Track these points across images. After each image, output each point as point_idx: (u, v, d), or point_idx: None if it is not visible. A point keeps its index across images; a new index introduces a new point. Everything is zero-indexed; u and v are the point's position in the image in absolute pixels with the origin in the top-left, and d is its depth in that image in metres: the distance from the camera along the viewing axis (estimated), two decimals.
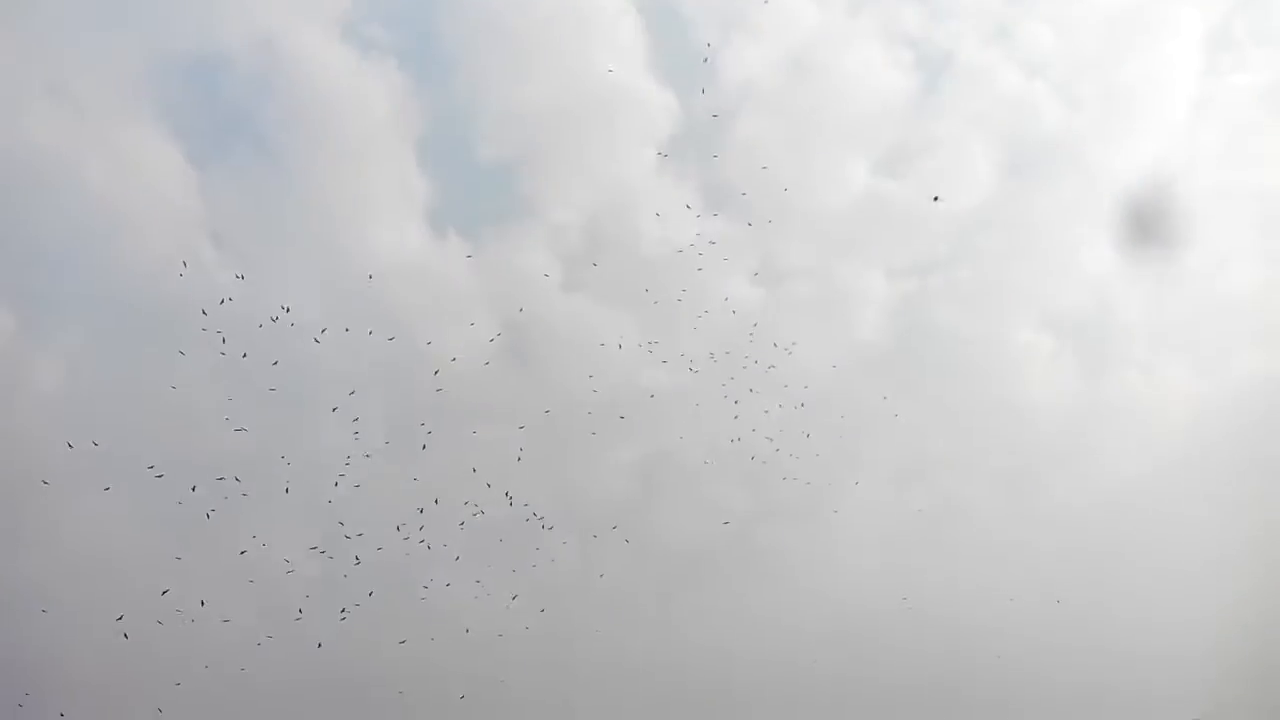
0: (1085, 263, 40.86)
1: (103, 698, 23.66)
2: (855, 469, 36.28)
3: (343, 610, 21.46)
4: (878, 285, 52.81)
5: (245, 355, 21.83)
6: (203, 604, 20.79)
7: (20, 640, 24.60)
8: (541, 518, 25.48)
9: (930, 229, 44.80)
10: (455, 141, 51.63)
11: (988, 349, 45.49)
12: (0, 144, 38.43)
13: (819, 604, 39.29)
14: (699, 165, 49.16)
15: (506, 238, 49.39)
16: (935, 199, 35.57)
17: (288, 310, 22.48)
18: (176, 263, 35.00)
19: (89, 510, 28.40)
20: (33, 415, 35.19)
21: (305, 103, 45.34)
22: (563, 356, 42.59)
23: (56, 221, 40.30)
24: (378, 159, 46.20)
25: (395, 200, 45.85)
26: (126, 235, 39.94)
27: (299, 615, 21.74)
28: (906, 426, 35.96)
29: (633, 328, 40.79)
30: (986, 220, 41.38)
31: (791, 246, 51.42)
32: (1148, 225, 33.04)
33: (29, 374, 36.63)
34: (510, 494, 24.30)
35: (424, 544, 22.43)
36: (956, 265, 49.82)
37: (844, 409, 33.35)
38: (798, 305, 49.44)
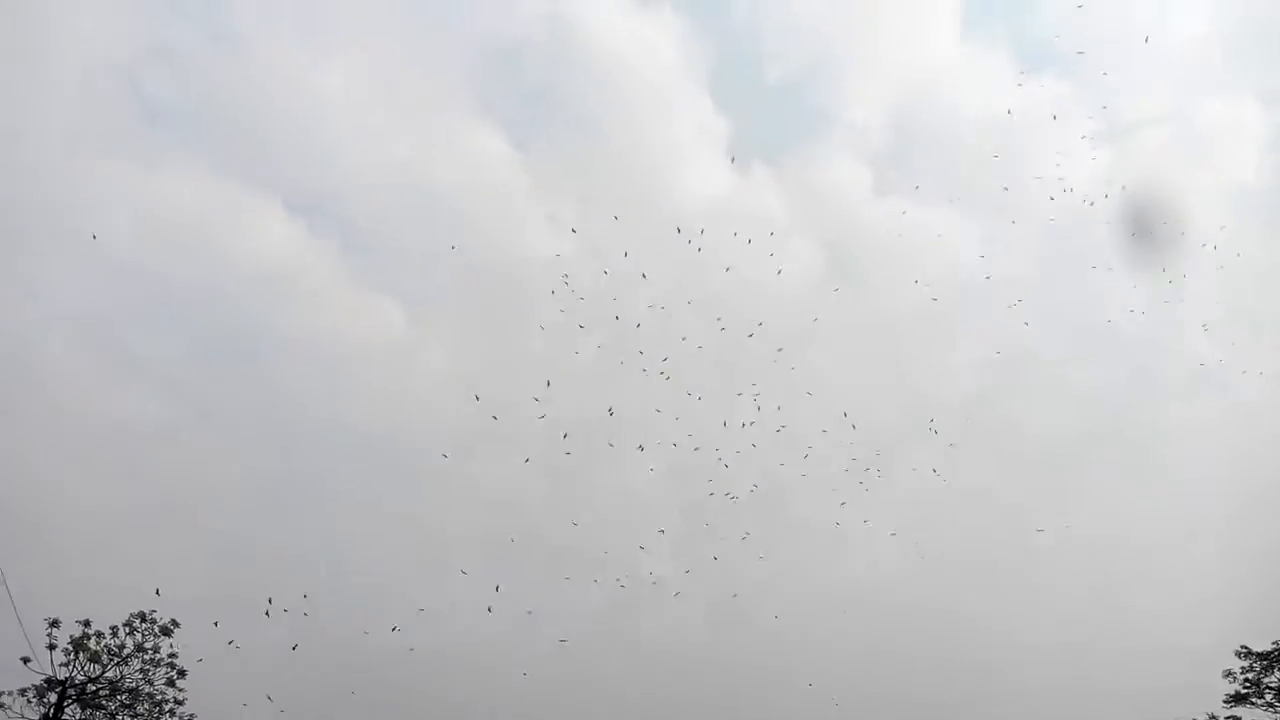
0: None
1: None
2: (1257, 334, 29.06)
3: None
4: (1251, 116, 44.39)
5: (582, 327, 24.80)
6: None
7: None
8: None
9: None
10: (744, 67, 51.56)
11: None
12: (369, 162, 43.15)
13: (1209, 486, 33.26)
14: (1008, 21, 42.64)
15: (810, 154, 48.69)
16: None
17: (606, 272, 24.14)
18: (519, 243, 38.27)
19: (491, 470, 33.67)
20: (430, 392, 39.69)
21: (601, 66, 46.87)
22: (885, 262, 40.25)
23: (419, 222, 44.87)
24: (676, 105, 46.98)
25: (698, 141, 46.46)
26: (474, 226, 43.84)
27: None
28: None
29: (956, 219, 37.37)
30: None
31: (1136, 89, 43.90)
32: None
33: (421, 357, 41.38)
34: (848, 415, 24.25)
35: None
36: None
37: (1237, 267, 26.64)
38: (1153, 154, 42.46)
